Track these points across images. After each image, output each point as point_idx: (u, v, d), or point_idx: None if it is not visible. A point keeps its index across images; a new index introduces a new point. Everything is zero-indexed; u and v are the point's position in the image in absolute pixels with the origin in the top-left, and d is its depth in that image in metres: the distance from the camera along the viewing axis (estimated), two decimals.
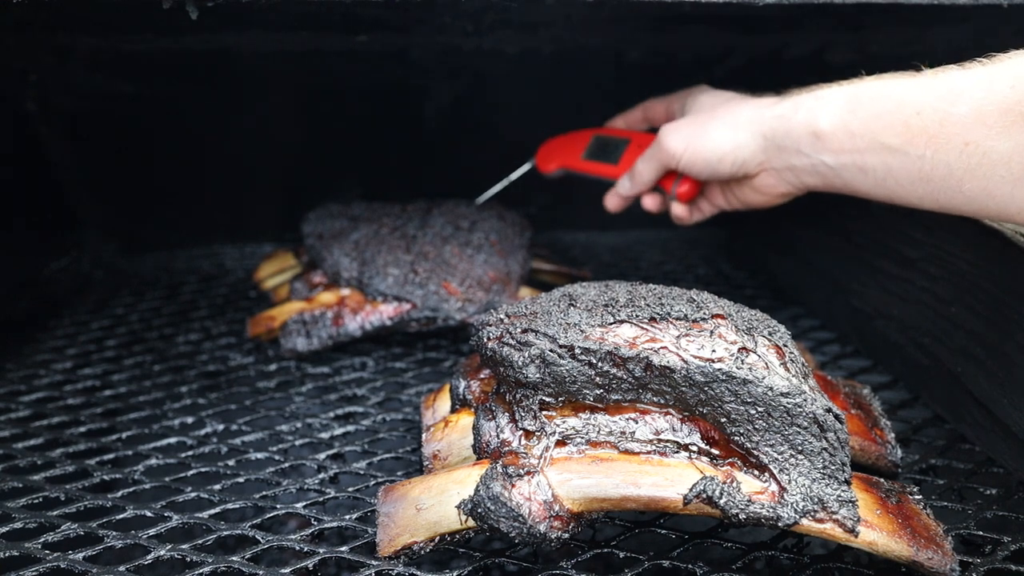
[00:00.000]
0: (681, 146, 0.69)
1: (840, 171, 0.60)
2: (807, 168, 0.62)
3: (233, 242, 1.06)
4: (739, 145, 0.65)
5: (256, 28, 0.77)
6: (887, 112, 0.55)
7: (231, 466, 0.61)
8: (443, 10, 0.68)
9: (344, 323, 0.78)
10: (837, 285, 0.82)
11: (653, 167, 0.73)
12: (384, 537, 0.49)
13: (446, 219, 0.86)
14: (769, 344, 0.49)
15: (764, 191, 0.68)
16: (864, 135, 0.57)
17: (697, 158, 0.68)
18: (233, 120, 0.96)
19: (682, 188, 0.74)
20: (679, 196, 0.75)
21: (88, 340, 0.84)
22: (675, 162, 0.70)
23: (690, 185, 0.74)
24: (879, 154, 0.56)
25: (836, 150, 0.59)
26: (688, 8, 0.63)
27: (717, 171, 0.68)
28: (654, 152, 0.72)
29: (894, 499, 0.49)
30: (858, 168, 0.58)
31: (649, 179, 0.75)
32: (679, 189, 0.74)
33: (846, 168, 0.59)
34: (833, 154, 0.59)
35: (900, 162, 0.55)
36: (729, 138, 0.66)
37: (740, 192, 0.71)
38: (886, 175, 0.56)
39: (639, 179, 0.75)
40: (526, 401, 0.49)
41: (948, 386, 0.66)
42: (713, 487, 0.45)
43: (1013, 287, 0.59)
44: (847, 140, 0.58)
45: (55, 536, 0.52)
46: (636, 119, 0.83)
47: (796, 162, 0.63)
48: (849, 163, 0.59)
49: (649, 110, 0.82)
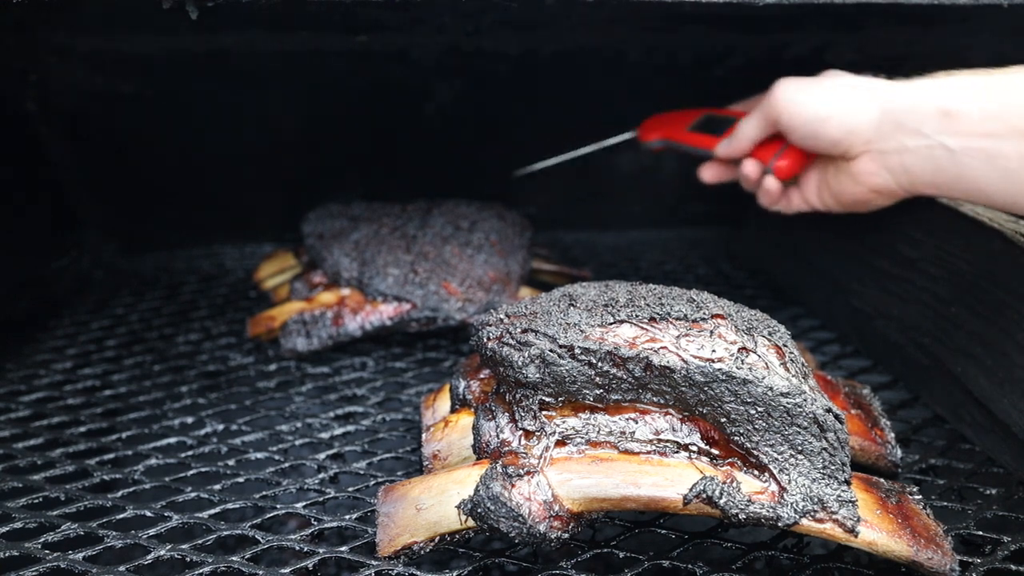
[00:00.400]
0: (788, 96, 0.64)
1: (961, 157, 0.55)
2: (921, 152, 0.57)
3: (233, 242, 1.06)
4: (852, 109, 0.60)
5: (256, 28, 0.77)
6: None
7: (231, 466, 0.61)
8: (443, 10, 0.68)
9: (344, 323, 0.78)
10: (837, 285, 0.82)
11: (756, 121, 0.68)
12: (384, 537, 0.49)
13: (446, 219, 0.86)
14: (769, 344, 0.49)
15: (860, 179, 0.63)
16: (1003, 118, 0.53)
17: (801, 112, 0.63)
18: (233, 120, 0.96)
19: (782, 161, 0.69)
20: (776, 170, 0.70)
21: (88, 340, 0.84)
22: (778, 113, 0.65)
23: (791, 159, 0.69)
24: (1017, 141, 0.52)
25: (965, 132, 0.54)
26: (688, 8, 0.63)
27: (818, 133, 0.62)
28: (763, 104, 0.67)
29: (894, 499, 0.49)
30: (986, 155, 0.54)
31: (750, 135, 0.69)
32: (778, 162, 0.69)
33: (971, 154, 0.54)
34: (960, 137, 0.55)
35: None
36: (843, 98, 0.61)
37: (836, 180, 0.66)
38: (1020, 166, 0.52)
39: (740, 135, 0.70)
40: (526, 401, 0.49)
41: (948, 386, 0.66)
42: (713, 487, 0.45)
43: (1013, 287, 0.59)
44: (981, 122, 0.54)
45: (55, 536, 0.52)
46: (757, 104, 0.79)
47: (911, 143, 0.58)
48: (976, 148, 0.54)
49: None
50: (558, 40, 0.85)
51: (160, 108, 0.92)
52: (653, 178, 1.07)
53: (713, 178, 0.77)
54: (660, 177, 1.08)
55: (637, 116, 0.86)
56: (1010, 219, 0.62)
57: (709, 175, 0.77)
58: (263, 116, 0.97)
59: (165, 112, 0.93)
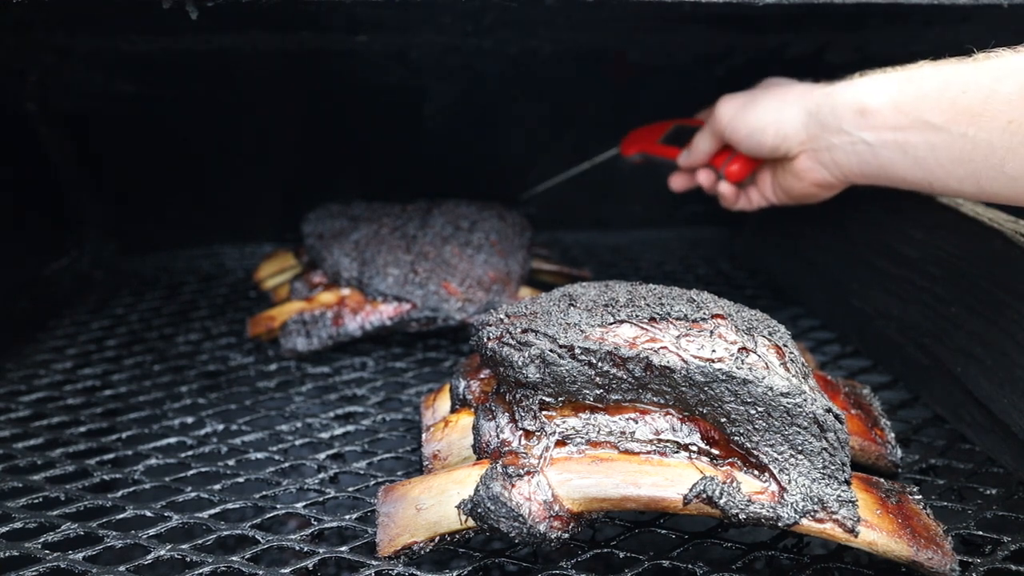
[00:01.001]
0: (730, 113, 0.70)
1: (879, 150, 0.60)
2: (846, 148, 0.62)
3: (233, 242, 1.06)
4: (783, 118, 0.66)
5: (256, 28, 0.77)
6: (934, 90, 0.55)
7: (231, 466, 0.61)
8: (443, 10, 0.69)
9: (344, 323, 0.78)
10: (837, 285, 0.82)
11: (707, 137, 0.75)
12: (384, 537, 0.49)
13: (446, 219, 0.86)
14: (769, 344, 0.49)
15: (802, 177, 0.68)
16: (909, 112, 0.56)
17: (742, 126, 0.69)
18: (233, 120, 0.96)
19: (732, 167, 0.75)
20: (728, 175, 0.76)
21: (88, 340, 0.84)
22: (723, 128, 0.71)
23: (740, 164, 0.75)
24: (922, 132, 0.56)
25: (879, 127, 0.59)
26: (688, 8, 0.63)
27: (760, 143, 0.68)
28: (709, 122, 0.74)
29: (894, 499, 0.49)
30: (898, 146, 0.58)
31: (703, 149, 0.76)
32: (729, 167, 0.76)
33: (886, 146, 0.59)
34: (875, 131, 0.59)
35: (942, 140, 0.55)
36: (775, 109, 0.67)
37: (784, 180, 0.71)
38: (927, 154, 0.56)
39: (696, 149, 0.77)
40: (526, 401, 0.49)
41: (948, 386, 0.66)
42: (713, 487, 0.45)
43: (1013, 287, 0.59)
44: (891, 117, 0.58)
45: (55, 536, 0.52)
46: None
47: (836, 140, 0.63)
48: (890, 141, 0.58)
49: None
50: (558, 40, 0.85)
51: (160, 108, 0.93)
52: (653, 178, 1.07)
53: (680, 186, 0.84)
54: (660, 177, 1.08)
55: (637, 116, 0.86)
56: (1010, 219, 0.62)
57: (677, 184, 0.84)
58: (263, 116, 0.97)
59: (165, 112, 0.93)
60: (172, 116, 0.94)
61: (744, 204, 0.79)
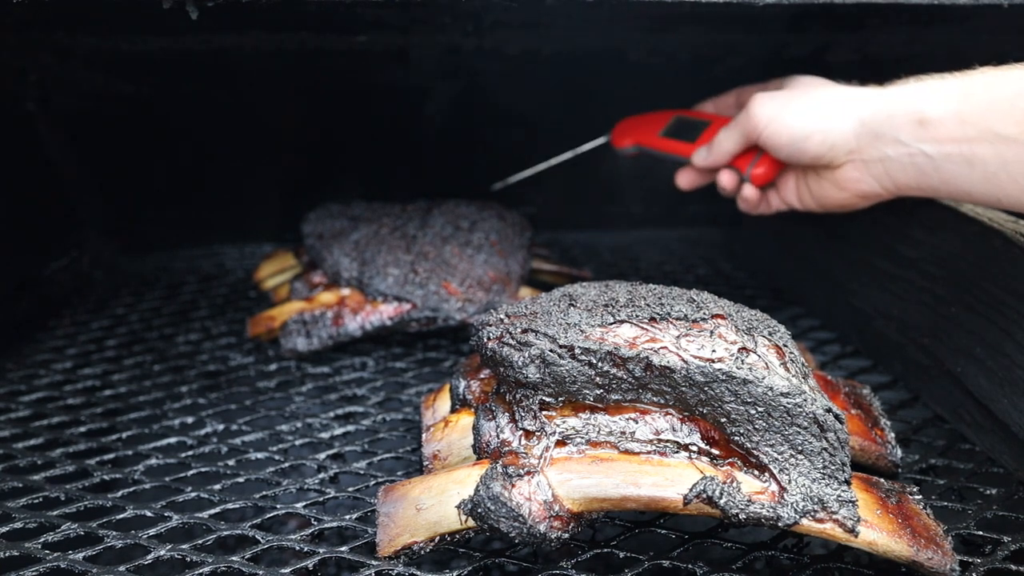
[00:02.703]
0: (768, 114, 0.64)
1: (941, 163, 0.56)
2: (903, 159, 0.58)
3: (233, 242, 1.06)
4: (831, 126, 0.61)
5: (256, 28, 0.77)
6: (1004, 99, 0.52)
7: (231, 466, 0.61)
8: (443, 10, 0.68)
9: (344, 323, 0.78)
10: (837, 285, 0.82)
11: (735, 137, 0.69)
12: (384, 537, 0.49)
13: (446, 219, 0.86)
14: (769, 344, 0.49)
15: (845, 186, 0.64)
16: (977, 123, 0.53)
17: (783, 131, 0.63)
18: (233, 120, 0.96)
19: (758, 169, 0.69)
20: (753, 178, 0.70)
21: (88, 340, 0.84)
22: (759, 132, 0.65)
23: (767, 167, 0.69)
24: (992, 144, 0.52)
25: (941, 139, 0.55)
26: (688, 8, 0.63)
27: (801, 150, 0.63)
28: (740, 120, 0.68)
29: (894, 499, 0.49)
30: (965, 160, 0.54)
31: (728, 149, 0.70)
32: (755, 170, 0.70)
33: (950, 159, 0.55)
34: (936, 143, 0.55)
35: (1016, 153, 0.51)
36: (821, 115, 0.62)
37: (817, 186, 0.66)
38: (998, 168, 0.53)
39: (718, 149, 0.71)
40: (526, 401, 0.49)
41: (948, 386, 0.66)
42: (713, 487, 0.45)
43: (1013, 287, 0.59)
44: (956, 128, 0.54)
45: (55, 536, 0.52)
46: (727, 104, 0.78)
47: (891, 152, 0.58)
48: (955, 153, 0.54)
49: (743, 95, 0.76)
50: (558, 40, 0.85)
51: (160, 108, 0.93)
52: (653, 178, 1.07)
53: (690, 184, 0.78)
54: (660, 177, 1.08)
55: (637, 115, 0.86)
56: (1010, 219, 0.62)
57: (685, 182, 0.78)
58: (263, 116, 0.97)
59: (165, 112, 0.93)
60: (172, 116, 0.94)
61: (763, 209, 0.74)
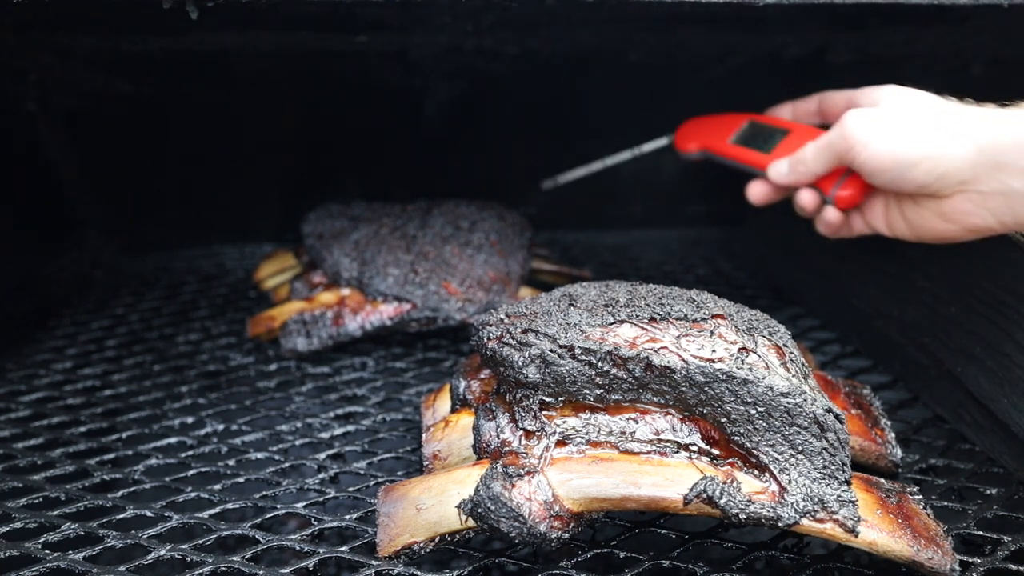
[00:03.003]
0: (867, 136, 0.57)
1: None
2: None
3: (233, 242, 1.06)
4: (942, 152, 0.54)
5: (256, 28, 0.77)
6: None
7: (231, 466, 0.61)
8: (443, 10, 0.68)
9: (344, 323, 0.78)
10: (837, 285, 0.82)
11: (825, 156, 0.61)
12: (384, 537, 0.49)
13: (446, 219, 0.86)
14: (769, 344, 0.49)
15: (952, 218, 0.56)
16: None
17: (883, 156, 0.56)
18: (233, 120, 0.96)
19: (844, 191, 0.62)
20: (838, 201, 0.63)
21: (88, 340, 0.84)
22: (854, 155, 0.58)
23: (855, 190, 0.62)
24: None
25: None
26: (688, 8, 0.63)
27: (904, 178, 0.56)
28: (833, 138, 0.60)
29: (894, 499, 0.49)
30: None
31: (815, 169, 0.63)
32: (840, 192, 0.63)
33: None
34: None
35: None
36: (930, 139, 0.54)
37: (916, 214, 0.59)
38: None
39: (803, 167, 0.64)
40: (526, 401, 0.49)
41: (948, 386, 0.66)
42: (713, 487, 0.45)
43: (1013, 287, 0.59)
44: None
45: (55, 536, 0.52)
46: (808, 111, 0.71)
47: (1017, 185, 0.51)
48: None
49: (827, 101, 0.68)
50: (558, 40, 0.85)
51: (160, 108, 0.92)
52: (653, 178, 1.07)
53: (762, 199, 0.70)
54: (660, 177, 1.08)
55: (637, 115, 0.86)
56: None
57: (758, 196, 0.70)
58: (262, 116, 0.97)
59: (165, 112, 0.93)
60: (172, 116, 0.94)
61: (843, 233, 0.67)
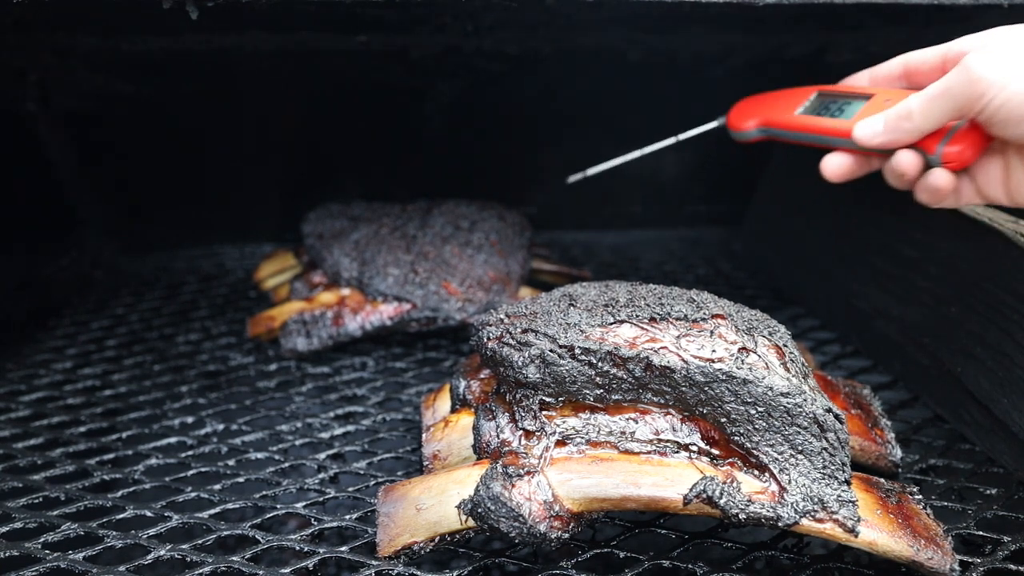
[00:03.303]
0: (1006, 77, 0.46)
1: None
2: None
3: (233, 242, 1.06)
4: None
5: (256, 28, 0.77)
6: None
7: (231, 466, 0.61)
8: (443, 10, 0.68)
9: (344, 323, 0.78)
10: (837, 285, 0.82)
11: (940, 106, 0.50)
12: (384, 537, 0.49)
13: (446, 219, 0.86)
14: (769, 344, 0.49)
15: None
16: None
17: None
18: (233, 120, 0.96)
19: (953, 147, 0.51)
20: (946, 159, 0.52)
21: (88, 340, 0.84)
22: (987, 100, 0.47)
23: (970, 145, 0.51)
24: None
25: None
26: (688, 8, 0.63)
27: None
28: (952, 83, 0.49)
29: (894, 499, 0.49)
30: None
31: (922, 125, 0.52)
32: (949, 148, 0.51)
33: None
34: None
35: None
36: None
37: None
38: None
39: (908, 123, 0.52)
40: (526, 401, 0.49)
41: (948, 386, 0.66)
42: (713, 487, 0.45)
43: (1013, 287, 0.59)
44: None
45: (55, 536, 0.52)
46: (890, 75, 0.60)
47: None
48: None
49: (913, 63, 0.58)
50: (558, 40, 0.85)
51: (160, 108, 0.93)
52: (653, 178, 1.07)
53: (842, 172, 0.59)
54: (660, 177, 1.08)
55: (637, 116, 0.86)
56: (1010, 219, 0.62)
57: (837, 168, 0.59)
58: (262, 116, 0.97)
59: (165, 112, 0.93)
60: (172, 116, 0.94)
61: (950, 202, 0.55)
